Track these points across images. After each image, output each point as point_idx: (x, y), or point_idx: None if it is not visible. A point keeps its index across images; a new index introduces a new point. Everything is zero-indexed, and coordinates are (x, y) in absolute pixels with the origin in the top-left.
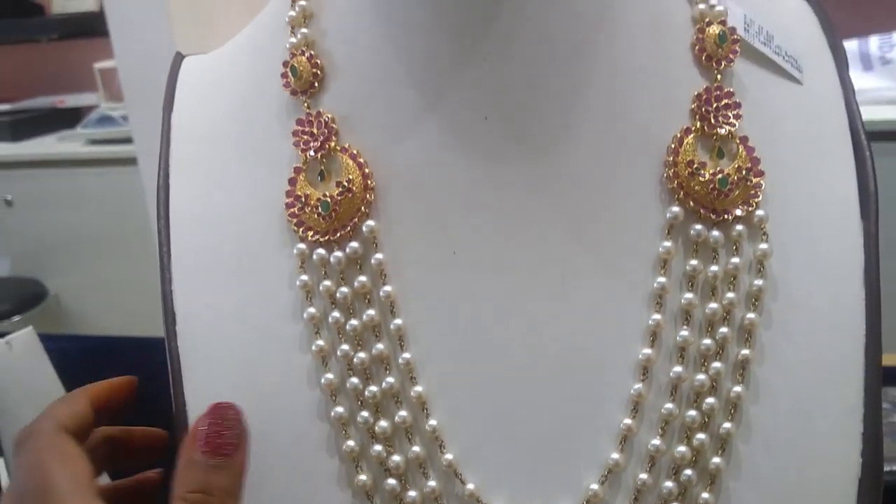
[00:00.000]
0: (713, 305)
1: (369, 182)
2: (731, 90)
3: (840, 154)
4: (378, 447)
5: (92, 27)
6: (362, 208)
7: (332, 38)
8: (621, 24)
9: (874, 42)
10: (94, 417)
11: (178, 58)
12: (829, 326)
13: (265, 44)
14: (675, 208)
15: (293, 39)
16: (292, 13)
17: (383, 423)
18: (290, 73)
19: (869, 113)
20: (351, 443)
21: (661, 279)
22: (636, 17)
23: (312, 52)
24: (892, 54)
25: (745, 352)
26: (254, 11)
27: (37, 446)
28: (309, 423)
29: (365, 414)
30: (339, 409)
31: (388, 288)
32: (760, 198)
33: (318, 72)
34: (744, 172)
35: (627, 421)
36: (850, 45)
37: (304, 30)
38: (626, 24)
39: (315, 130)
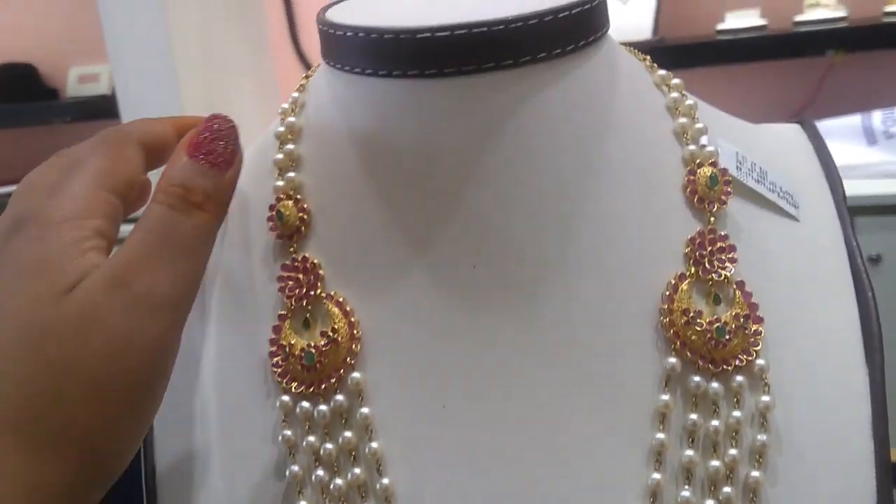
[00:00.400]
0: (715, 463)
1: (355, 332)
2: (725, 233)
3: (840, 294)
4: None
5: (105, 110)
6: (348, 359)
7: (321, 181)
8: (610, 168)
9: (878, 117)
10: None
11: None
12: (837, 483)
13: (251, 182)
14: (672, 360)
15: (279, 182)
16: (279, 156)
17: None
18: (276, 218)
19: (873, 187)
20: None
21: (661, 435)
22: (625, 161)
23: (299, 196)
24: None
25: None
26: (263, 95)
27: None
28: None
29: None
30: None
31: (374, 444)
32: (760, 346)
33: (305, 216)
34: (741, 320)
35: None
36: (854, 120)
37: (290, 174)
38: (614, 168)
39: (300, 276)
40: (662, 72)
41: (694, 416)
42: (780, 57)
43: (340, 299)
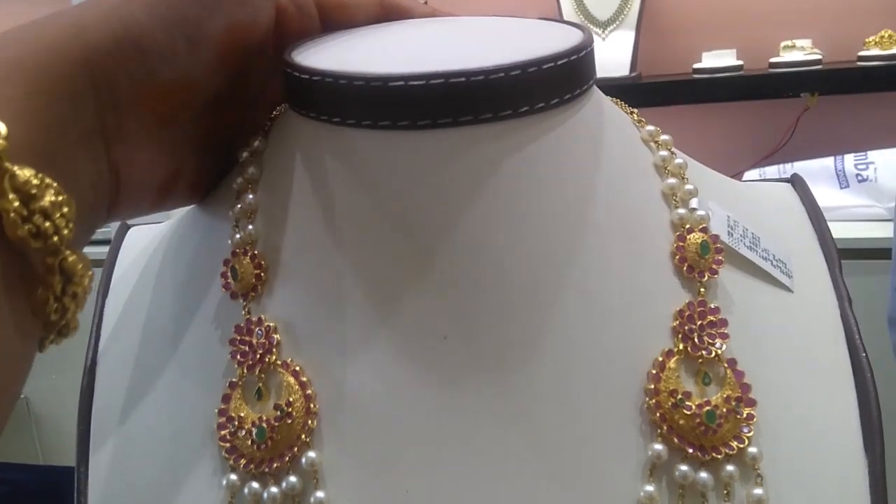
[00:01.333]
0: None
1: (312, 406)
2: (716, 305)
3: (837, 375)
4: None
5: None
6: (303, 436)
7: (281, 236)
8: (596, 233)
9: (850, 160)
10: None
11: (123, 228)
12: None
13: (207, 233)
14: (658, 446)
15: (237, 236)
16: (237, 207)
17: None
18: (230, 275)
19: (847, 230)
20: None
21: None
22: (611, 224)
23: (256, 252)
24: (868, 172)
25: None
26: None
27: None
28: None
29: None
30: None
31: (320, 494)
32: (752, 432)
33: (262, 273)
34: (733, 402)
35: None
36: (827, 163)
37: (249, 227)
38: (600, 232)
39: (254, 341)
40: (651, 127)
41: None
42: (756, 97)
43: (297, 368)
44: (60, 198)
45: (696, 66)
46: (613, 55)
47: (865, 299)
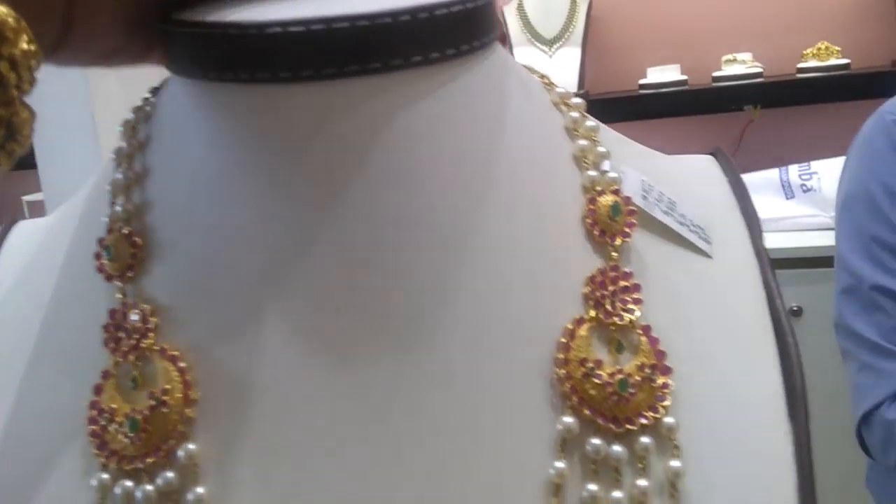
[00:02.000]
0: None
1: (190, 393)
2: (630, 270)
3: (760, 341)
4: None
5: (22, 160)
6: (179, 427)
7: (159, 211)
8: (499, 195)
9: (794, 171)
10: None
11: (9, 224)
12: None
13: (89, 210)
14: (568, 419)
15: (117, 208)
16: (118, 176)
17: None
18: (103, 254)
19: (791, 240)
20: None
21: None
22: (516, 186)
23: (131, 229)
24: (812, 182)
25: None
26: None
27: None
28: None
29: None
30: None
31: (200, 490)
32: (669, 401)
33: (137, 252)
34: (647, 371)
35: None
36: (772, 175)
37: (126, 201)
38: (504, 195)
39: (129, 325)
40: (562, 89)
41: (593, 487)
42: (701, 111)
43: (174, 353)
44: (32, 47)
45: (641, 81)
46: (561, 73)
47: (814, 307)
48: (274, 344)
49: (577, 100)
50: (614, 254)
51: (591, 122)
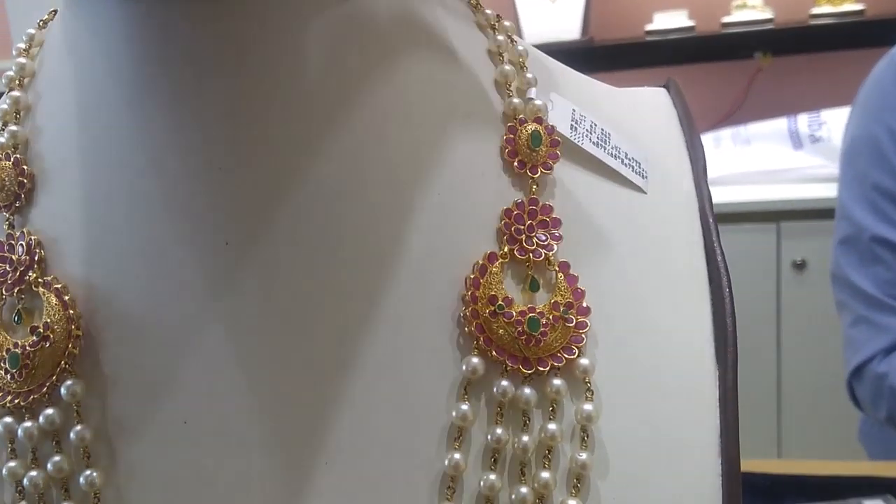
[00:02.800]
0: (523, 490)
1: (74, 328)
2: (549, 204)
3: (691, 281)
4: None
5: None
6: (63, 363)
7: (48, 138)
8: (407, 121)
9: (803, 120)
10: None
11: None
12: None
13: None
14: (474, 359)
15: (2, 137)
16: (3, 105)
17: None
18: None
19: (798, 192)
20: None
21: (456, 455)
22: (427, 114)
23: (19, 157)
24: (822, 132)
25: None
26: None
27: None
28: None
29: None
30: None
31: (91, 473)
32: (585, 342)
33: (25, 181)
34: (562, 309)
35: None
36: (780, 124)
37: (13, 127)
38: (413, 122)
39: (15, 258)
40: (490, 11)
41: (499, 431)
42: (709, 59)
43: (59, 286)
44: None
45: (648, 27)
46: (564, 18)
47: (819, 260)
48: (161, 275)
49: (508, 23)
50: (534, 187)
51: (522, 46)
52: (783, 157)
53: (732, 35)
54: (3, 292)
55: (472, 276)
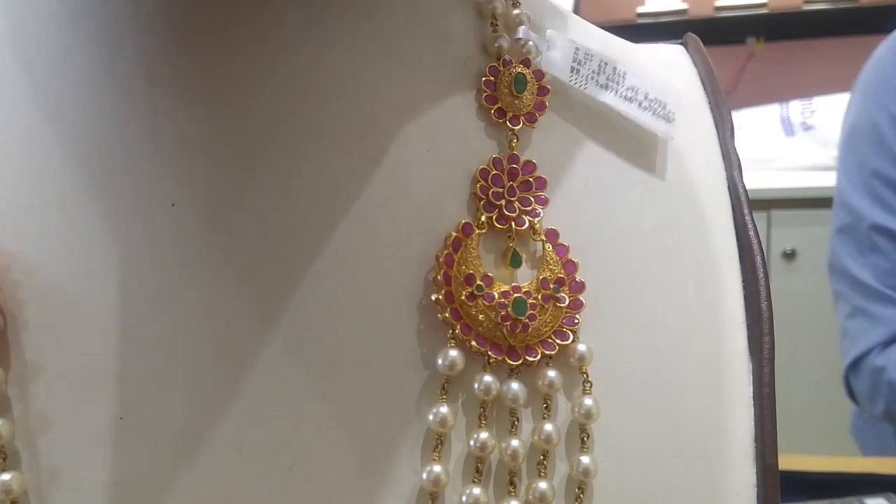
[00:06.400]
0: None
1: None
2: (532, 161)
3: (717, 263)
4: None
5: None
6: None
7: None
8: (375, 62)
9: (795, 107)
10: None
11: None
12: None
13: None
14: (452, 352)
15: None
16: None
17: None
18: None
19: (790, 180)
20: None
21: (436, 468)
22: (398, 45)
23: None
24: (814, 120)
25: None
26: None
27: None
28: None
29: None
30: None
31: (6, 477)
32: (580, 324)
33: None
34: (551, 287)
35: None
36: (772, 111)
37: None
38: (381, 61)
39: None
40: None
41: (483, 436)
42: (702, 43)
43: None
44: None
45: (639, 9)
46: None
47: (809, 250)
48: (100, 243)
49: None
50: (514, 141)
51: None
52: (774, 144)
53: (725, 19)
54: None
55: (443, 253)
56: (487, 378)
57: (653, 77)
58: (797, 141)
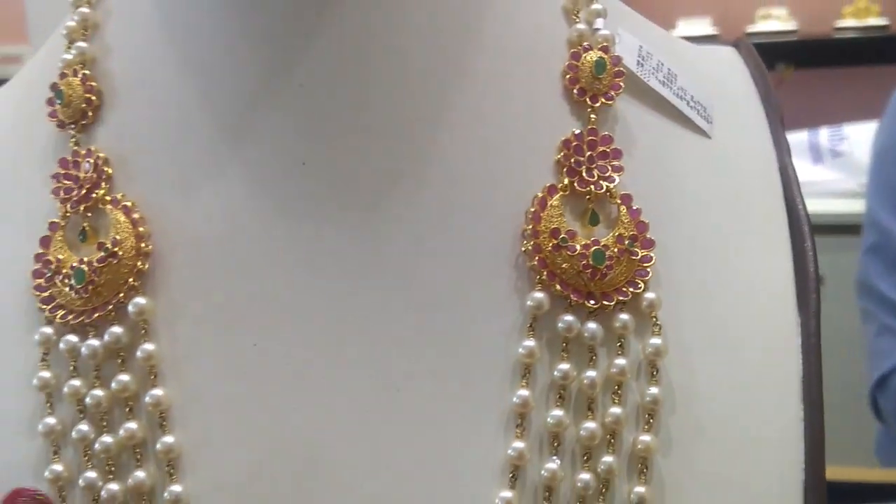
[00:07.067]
0: (590, 425)
1: (143, 245)
2: (609, 135)
3: (769, 228)
4: None
5: None
6: (131, 280)
7: (118, 56)
8: (478, 47)
9: (824, 134)
10: None
11: None
12: (751, 458)
13: (40, 65)
14: (538, 294)
15: (67, 56)
16: (71, 23)
17: None
18: (56, 98)
19: (818, 206)
20: None
21: (523, 392)
22: (497, 32)
23: (87, 73)
24: (843, 147)
25: (640, 489)
26: None
27: None
28: None
29: None
30: None
31: (158, 392)
32: (650, 276)
33: (93, 97)
34: (626, 242)
35: None
36: (801, 137)
37: (82, 43)
38: (484, 47)
39: (81, 175)
40: None
41: (564, 367)
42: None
43: (128, 204)
44: None
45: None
46: None
47: (837, 276)
48: (233, 198)
49: None
50: (593, 116)
51: None
52: (802, 170)
53: (756, 45)
54: (68, 209)
55: (532, 210)
56: (569, 317)
57: (700, 79)
58: (826, 168)
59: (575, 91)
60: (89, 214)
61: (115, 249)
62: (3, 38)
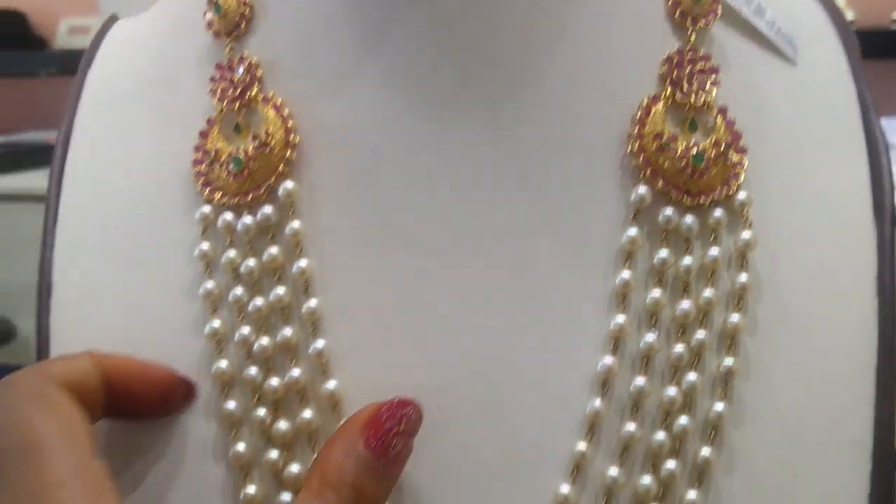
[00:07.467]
0: (685, 305)
1: (292, 137)
2: (708, 53)
3: (848, 145)
4: (274, 454)
5: None
6: (281, 167)
7: None
8: None
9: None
10: (100, 385)
11: (111, 20)
12: (830, 340)
13: None
14: (642, 189)
15: None
16: None
17: (283, 425)
18: (213, 11)
19: None
20: (241, 447)
21: (626, 274)
22: None
23: None
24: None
25: (728, 362)
26: None
27: (16, 395)
28: (194, 420)
29: (261, 413)
30: (231, 406)
31: (303, 263)
32: (742, 178)
33: (247, 10)
34: (722, 148)
35: (581, 446)
36: None
37: None
38: None
39: (235, 77)
40: None
41: (663, 254)
42: None
43: (278, 102)
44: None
45: None
46: None
47: None
48: (371, 94)
49: None
50: (693, 36)
51: None
52: None
53: None
54: (224, 107)
55: (637, 115)
56: (668, 210)
57: (785, 13)
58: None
59: (677, 14)
60: (243, 111)
61: (268, 140)
62: (74, 10)
